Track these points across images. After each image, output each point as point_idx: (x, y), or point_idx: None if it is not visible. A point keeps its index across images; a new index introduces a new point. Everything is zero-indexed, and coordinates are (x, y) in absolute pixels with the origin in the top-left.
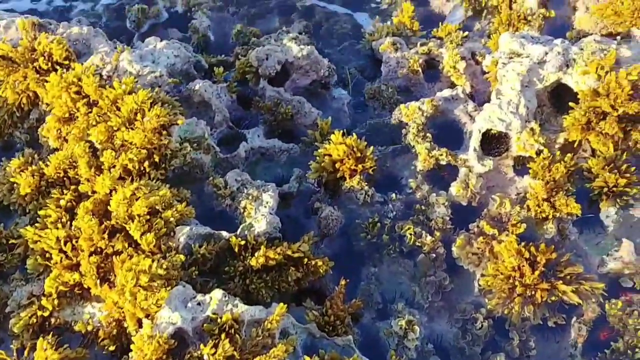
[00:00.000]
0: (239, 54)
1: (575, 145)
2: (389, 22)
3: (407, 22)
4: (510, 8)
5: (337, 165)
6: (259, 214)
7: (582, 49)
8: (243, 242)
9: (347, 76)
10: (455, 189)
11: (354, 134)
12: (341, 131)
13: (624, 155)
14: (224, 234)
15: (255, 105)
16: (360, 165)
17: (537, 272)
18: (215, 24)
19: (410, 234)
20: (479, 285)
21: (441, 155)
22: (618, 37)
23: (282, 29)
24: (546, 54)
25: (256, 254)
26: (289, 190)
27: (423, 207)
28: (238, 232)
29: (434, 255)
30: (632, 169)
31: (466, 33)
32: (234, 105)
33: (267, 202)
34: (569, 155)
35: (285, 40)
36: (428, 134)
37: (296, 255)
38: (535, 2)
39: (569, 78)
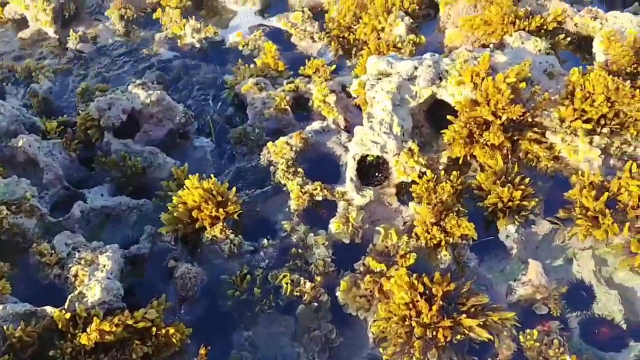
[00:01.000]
0: (80, 111)
1: (460, 161)
2: (251, 65)
3: (270, 62)
4: (379, 39)
5: (194, 214)
6: (93, 280)
7: (453, 60)
8: (69, 316)
9: (209, 124)
10: (334, 225)
11: (212, 176)
12: (197, 175)
13: (516, 167)
14: (49, 309)
15: (97, 161)
16: (222, 211)
17: (435, 308)
18: (59, 87)
19: (287, 283)
20: (372, 333)
21: (315, 190)
22: (491, 46)
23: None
24: (416, 68)
25: (88, 329)
26: (140, 252)
27: (300, 251)
28: (66, 304)
29: (316, 304)
30: (527, 180)
31: (334, 66)
32: (74, 165)
33: (104, 266)
34: (454, 173)
35: (130, 87)
36: (299, 169)
37: (141, 325)
38: (404, 29)
39: (444, 91)
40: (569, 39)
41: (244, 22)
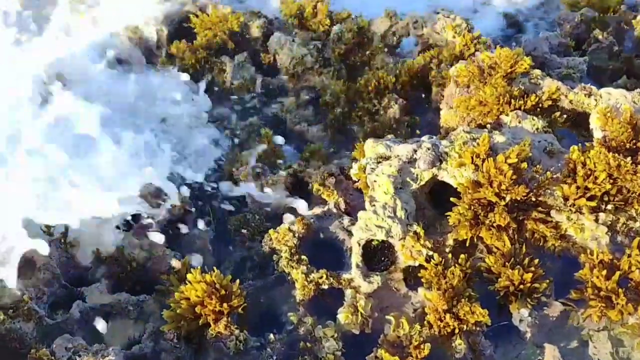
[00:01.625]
0: None
1: (467, 244)
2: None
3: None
4: (374, 122)
5: (197, 310)
6: None
7: (452, 142)
8: None
9: (209, 210)
10: (343, 316)
11: (214, 268)
12: (199, 268)
13: (523, 247)
14: None
15: (95, 256)
16: (226, 305)
17: None
18: None
19: None
20: None
21: (321, 278)
22: (488, 126)
23: None
24: (415, 151)
25: None
26: (142, 352)
27: (309, 345)
28: None
29: None
30: (536, 261)
31: (332, 149)
32: (71, 262)
33: None
34: (462, 256)
35: None
36: (303, 257)
37: None
38: (398, 109)
39: (445, 173)
40: (565, 116)
41: None
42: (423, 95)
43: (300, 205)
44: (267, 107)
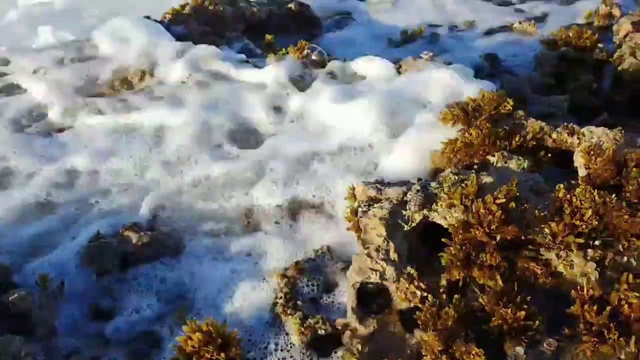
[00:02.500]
0: None
1: (461, 284)
2: None
3: None
4: None
5: None
6: None
7: (441, 183)
8: None
9: None
10: None
11: (210, 317)
12: (193, 319)
13: (515, 286)
14: None
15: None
16: (223, 355)
17: None
18: None
19: None
20: None
21: (317, 323)
22: (475, 167)
23: None
24: (405, 193)
25: None
26: None
27: None
28: None
29: None
30: (528, 298)
31: None
32: None
33: None
34: (456, 296)
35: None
36: (299, 302)
37: None
38: None
39: (435, 214)
40: (549, 155)
41: None
42: None
43: None
44: None
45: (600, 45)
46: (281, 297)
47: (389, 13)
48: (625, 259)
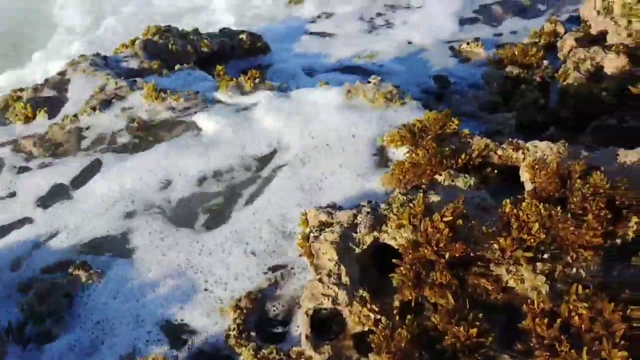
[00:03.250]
0: None
1: (413, 304)
2: None
3: None
4: None
5: None
6: None
7: (390, 204)
8: None
9: None
10: None
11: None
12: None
13: (467, 303)
14: None
15: None
16: None
17: None
18: None
19: None
20: None
21: (271, 354)
22: (423, 187)
23: None
24: (355, 216)
25: None
26: None
27: None
28: None
29: None
30: (480, 315)
31: None
32: None
33: None
34: (409, 317)
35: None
36: (252, 333)
37: None
38: None
39: (386, 235)
40: (495, 171)
41: None
42: None
43: None
44: None
45: (545, 62)
46: (234, 329)
47: (339, 40)
48: (574, 270)
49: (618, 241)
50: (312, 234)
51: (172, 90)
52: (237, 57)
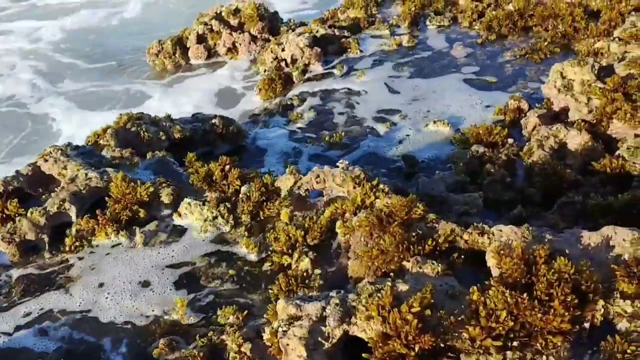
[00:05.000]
0: None
1: None
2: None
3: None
4: (287, 275)
5: None
6: None
7: (359, 295)
8: None
9: None
10: None
11: None
12: None
13: None
14: None
15: None
16: None
17: None
18: None
19: None
20: None
21: None
22: (391, 274)
23: None
24: (324, 309)
25: None
26: None
27: None
28: None
29: None
30: None
31: (245, 312)
32: None
33: None
34: None
35: None
36: None
37: None
38: (309, 264)
39: (355, 328)
40: (462, 256)
41: None
42: (333, 245)
43: None
44: None
45: (510, 140)
46: None
47: (313, 123)
48: (544, 357)
49: (586, 325)
50: (280, 329)
51: (142, 180)
52: (208, 142)
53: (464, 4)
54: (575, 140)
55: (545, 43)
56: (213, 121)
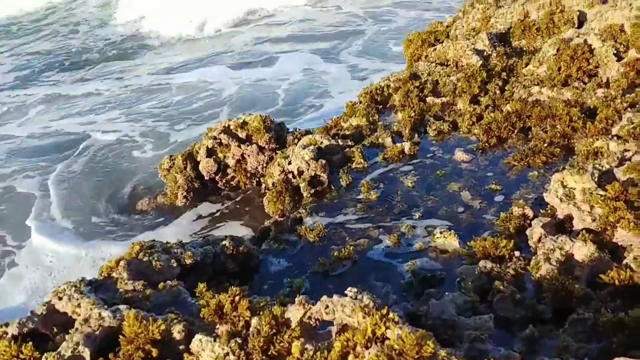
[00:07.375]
0: None
1: None
2: None
3: None
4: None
5: None
6: None
7: None
8: None
9: None
10: None
11: None
12: None
13: None
14: None
15: None
16: None
17: None
18: None
19: None
20: None
21: None
22: None
23: None
24: None
25: None
26: None
27: None
28: None
29: None
30: None
31: None
32: None
33: None
34: None
35: None
36: None
37: None
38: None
39: None
40: None
41: None
42: None
43: None
44: None
45: (517, 253)
46: None
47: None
48: None
49: None
50: None
51: (154, 317)
52: (220, 264)
53: (462, 107)
54: (582, 251)
55: (545, 144)
56: (223, 242)
